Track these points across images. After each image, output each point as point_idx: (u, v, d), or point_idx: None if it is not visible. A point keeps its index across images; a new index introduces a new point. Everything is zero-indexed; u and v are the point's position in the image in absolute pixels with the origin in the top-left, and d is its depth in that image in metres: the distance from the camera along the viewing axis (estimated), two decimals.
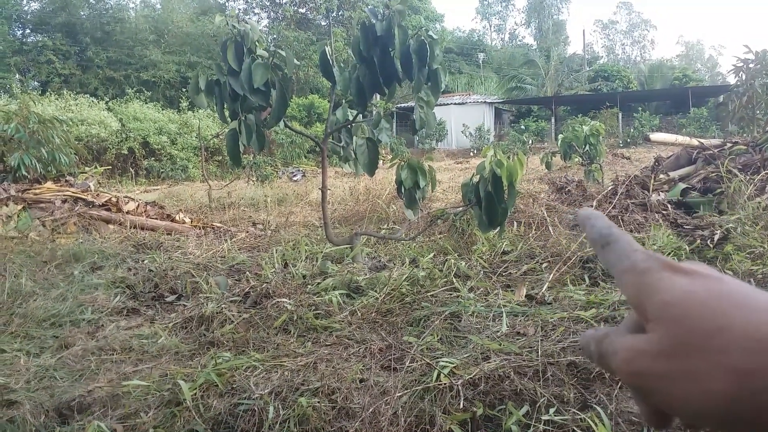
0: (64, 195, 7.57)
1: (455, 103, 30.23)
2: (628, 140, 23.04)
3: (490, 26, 59.89)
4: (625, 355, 0.35)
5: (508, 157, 4.04)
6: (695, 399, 0.31)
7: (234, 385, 2.52)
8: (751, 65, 17.50)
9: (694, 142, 9.09)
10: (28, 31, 31.46)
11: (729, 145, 7.42)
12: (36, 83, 28.69)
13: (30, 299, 4.04)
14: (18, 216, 6.75)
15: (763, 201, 5.34)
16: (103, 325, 3.69)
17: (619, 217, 5.95)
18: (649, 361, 0.33)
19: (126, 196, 8.50)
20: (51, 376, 2.89)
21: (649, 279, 0.36)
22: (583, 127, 9.88)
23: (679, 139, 17.21)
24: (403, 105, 26.78)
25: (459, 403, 2.26)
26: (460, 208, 5.13)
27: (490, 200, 3.99)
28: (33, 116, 8.18)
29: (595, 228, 0.43)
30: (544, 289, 3.92)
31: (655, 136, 18.40)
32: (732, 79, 19.14)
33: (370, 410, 2.22)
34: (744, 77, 17.73)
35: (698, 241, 4.86)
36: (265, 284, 4.11)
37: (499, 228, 4.21)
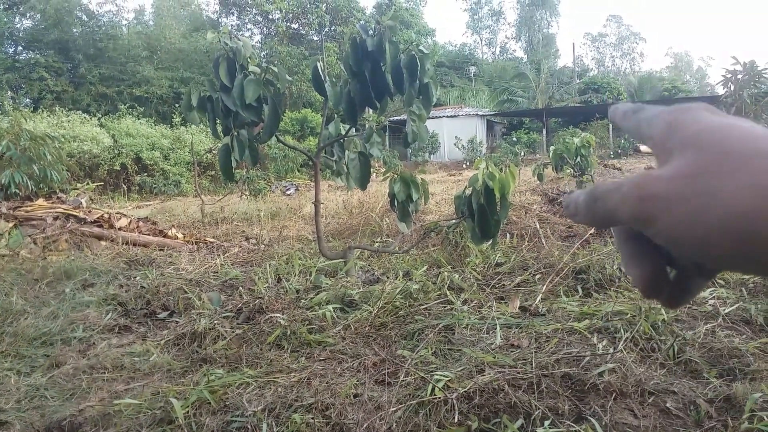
0: (56, 212, 7.53)
1: (447, 116, 30.40)
2: (619, 151, 23.21)
3: (481, 40, 60.46)
4: (636, 181, 0.32)
5: (501, 170, 4.06)
6: (708, 217, 0.28)
7: (227, 403, 2.50)
8: (739, 76, 17.75)
9: None
10: (20, 48, 31.48)
11: None
12: (28, 100, 28.65)
13: (21, 317, 4.01)
14: (9, 233, 6.70)
15: None
16: (94, 343, 3.65)
17: (610, 228, 5.97)
18: (666, 183, 0.30)
19: (118, 212, 8.46)
20: (42, 395, 2.86)
21: (687, 114, 0.34)
22: (574, 138, 9.94)
23: None
24: (395, 118, 26.92)
25: (454, 417, 2.25)
26: (453, 221, 5.14)
27: (482, 212, 4.01)
28: (24, 133, 8.15)
29: (627, 104, 0.41)
30: (537, 300, 3.92)
31: (646, 148, 18.55)
32: (721, 90, 19.38)
33: (365, 426, 2.20)
34: (732, 88, 17.96)
35: None
36: (258, 299, 4.09)
37: (492, 240, 4.21)
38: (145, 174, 19.46)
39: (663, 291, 0.35)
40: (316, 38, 37.17)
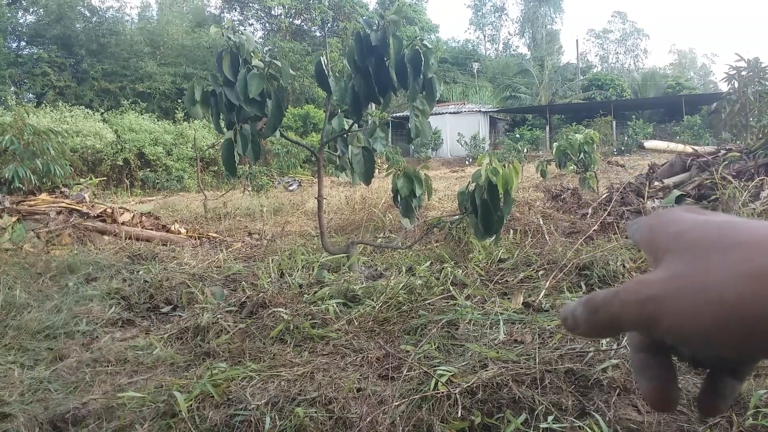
0: (59, 206, 7.54)
1: (450, 112, 30.37)
2: (623, 148, 23.16)
3: (484, 36, 60.29)
4: (632, 286, 0.33)
5: (504, 165, 4.05)
6: (706, 311, 0.29)
7: (230, 396, 2.50)
8: (743, 73, 17.67)
9: (688, 149, 9.15)
10: (23, 43, 31.49)
11: (723, 152, 7.46)
12: (31, 95, 28.71)
13: (24, 311, 4.01)
14: (12, 228, 6.71)
15: (758, 207, 5.36)
16: (97, 337, 3.66)
17: (615, 224, 5.96)
18: (660, 286, 0.32)
19: (121, 207, 8.47)
20: (45, 388, 2.86)
21: (666, 216, 0.36)
22: (578, 135, 9.92)
23: (672, 146, 17.31)
24: (398, 114, 26.88)
25: (457, 412, 2.24)
26: (457, 217, 5.13)
27: (486, 208, 4.00)
28: (28, 128, 8.15)
29: (632, 226, 0.43)
30: (540, 296, 3.91)
31: (649, 144, 18.48)
32: (724, 87, 19.32)
33: (368, 420, 2.20)
34: (736, 85, 17.89)
35: None
36: (261, 294, 4.09)
37: (495, 236, 4.21)
38: (148, 169, 19.49)
39: (673, 405, 0.36)
40: (318, 34, 37.13)
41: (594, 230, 5.82)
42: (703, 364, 0.37)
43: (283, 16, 35.91)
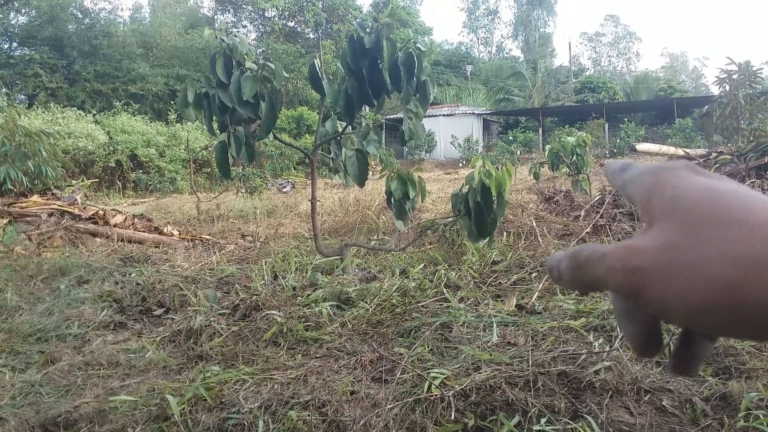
0: (51, 208, 7.49)
1: (444, 115, 30.41)
2: (615, 151, 23.27)
3: (478, 39, 60.44)
4: (620, 252, 0.32)
5: (497, 168, 4.06)
6: (694, 290, 0.28)
7: (223, 399, 2.49)
8: (734, 76, 17.80)
9: (680, 152, 9.21)
10: (15, 44, 31.31)
11: (714, 155, 7.52)
12: (22, 96, 28.52)
13: (15, 314, 3.99)
14: (3, 230, 6.66)
15: None
16: (89, 340, 3.64)
17: (607, 226, 5.99)
18: (649, 255, 0.30)
19: (113, 209, 8.43)
20: (37, 391, 2.84)
21: (666, 176, 0.34)
22: (570, 138, 9.96)
23: (664, 149, 17.42)
24: (391, 116, 26.90)
25: (450, 414, 2.25)
26: (450, 219, 5.14)
27: (479, 210, 4.01)
28: (19, 129, 8.10)
29: (616, 162, 0.42)
30: (533, 298, 3.93)
31: (642, 147, 18.60)
32: (716, 90, 19.43)
33: (361, 423, 2.20)
34: (728, 88, 18.02)
35: None
36: (254, 296, 4.08)
37: (488, 238, 4.22)
38: (141, 171, 19.40)
39: (657, 350, 0.35)
40: (312, 36, 37.11)
41: (586, 232, 5.85)
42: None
43: (276, 18, 35.87)
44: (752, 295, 0.26)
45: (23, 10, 31.31)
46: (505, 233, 5.98)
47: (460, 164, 25.21)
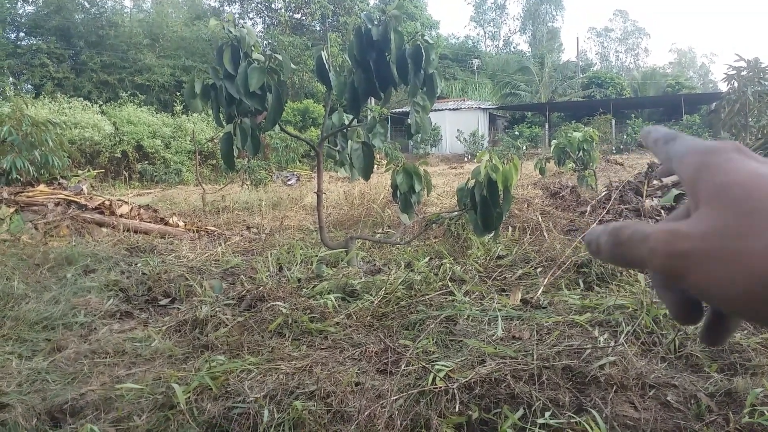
0: (57, 198, 7.52)
1: (450, 109, 30.33)
2: (621, 146, 23.18)
3: (485, 33, 60.18)
4: (663, 236, 0.32)
5: (503, 162, 4.05)
6: (736, 280, 0.28)
7: (228, 389, 2.50)
8: (743, 73, 17.67)
9: None
10: (22, 34, 31.33)
11: None
12: (29, 86, 28.57)
13: (22, 302, 4.01)
14: (10, 219, 6.70)
15: None
16: (95, 329, 3.66)
17: (613, 222, 5.97)
18: (694, 241, 0.30)
19: (119, 200, 8.46)
20: (43, 379, 2.86)
21: (716, 158, 0.33)
22: (577, 133, 9.93)
23: None
24: (397, 110, 26.85)
25: (455, 407, 2.25)
26: (456, 213, 5.14)
27: (485, 204, 4.00)
28: (26, 119, 8.13)
29: (659, 130, 0.41)
30: (539, 293, 3.92)
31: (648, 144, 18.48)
32: (724, 87, 19.31)
33: (366, 414, 2.21)
34: (736, 85, 17.89)
35: None
36: (259, 288, 4.09)
37: (494, 232, 4.21)
38: (146, 162, 19.45)
39: (697, 318, 0.36)
40: (318, 28, 37.02)
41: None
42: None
43: (282, 10, 35.78)
44: None
45: (30, 0, 31.34)
46: (510, 228, 5.97)
47: (466, 159, 25.17)
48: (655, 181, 7.33)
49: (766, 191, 0.30)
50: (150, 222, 7.65)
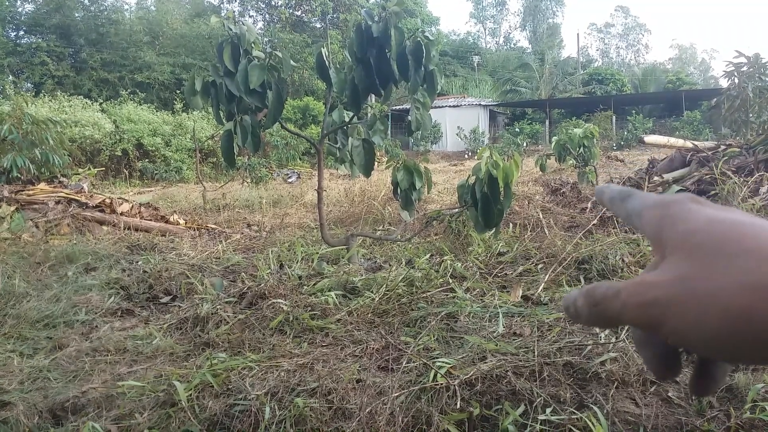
0: (58, 196, 7.53)
1: (450, 106, 30.27)
2: (622, 143, 23.13)
3: (485, 30, 60.04)
4: (633, 288, 0.33)
5: (504, 159, 4.05)
6: (711, 319, 0.29)
7: (230, 386, 2.50)
8: (743, 69, 17.62)
9: (688, 144, 9.15)
10: (21, 32, 31.27)
11: (723, 147, 7.46)
12: (29, 85, 28.55)
13: (23, 300, 4.02)
14: (11, 217, 6.70)
15: (757, 203, 5.37)
16: (97, 326, 3.66)
17: (614, 218, 5.97)
18: (664, 288, 0.31)
19: (120, 198, 8.46)
20: (44, 377, 2.87)
21: (674, 209, 0.35)
22: (577, 129, 9.91)
23: (672, 141, 17.31)
24: (397, 107, 26.82)
25: (456, 403, 2.25)
26: (456, 209, 5.13)
27: (486, 201, 4.00)
28: (26, 117, 8.13)
29: (613, 189, 0.43)
30: (539, 289, 3.92)
31: (650, 139, 18.50)
32: (724, 83, 19.24)
33: (367, 410, 2.21)
34: (737, 81, 17.84)
35: None
36: (260, 285, 4.09)
37: (494, 229, 4.21)
38: (147, 160, 19.44)
39: (676, 373, 0.36)
40: (318, 25, 36.95)
41: (593, 224, 5.83)
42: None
43: (282, 7, 35.72)
44: (763, 319, 0.27)
45: None
46: (511, 225, 5.97)
47: (466, 156, 25.15)
48: (655, 177, 7.32)
49: (726, 234, 0.31)
50: (151, 220, 7.65)
